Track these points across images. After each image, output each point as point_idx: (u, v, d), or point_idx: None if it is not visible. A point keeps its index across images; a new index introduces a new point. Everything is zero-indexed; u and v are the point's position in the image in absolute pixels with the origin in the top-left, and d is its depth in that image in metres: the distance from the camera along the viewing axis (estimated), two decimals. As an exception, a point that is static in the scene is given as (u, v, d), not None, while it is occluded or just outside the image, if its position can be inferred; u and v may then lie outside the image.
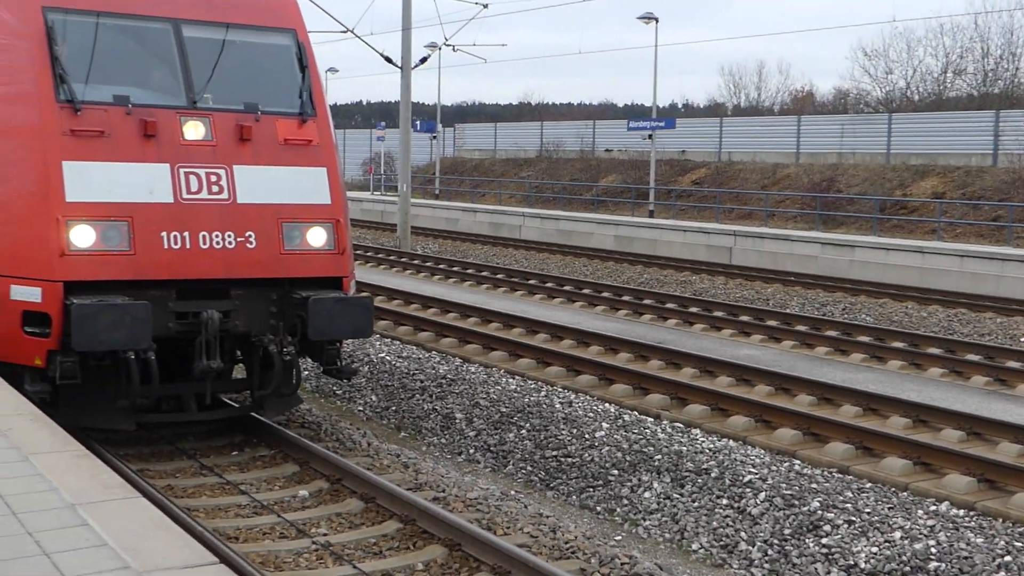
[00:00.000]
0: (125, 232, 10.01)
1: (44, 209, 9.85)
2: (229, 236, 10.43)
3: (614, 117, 79.62)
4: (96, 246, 9.91)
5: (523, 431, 12.86)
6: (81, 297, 9.63)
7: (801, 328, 20.04)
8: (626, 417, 12.97)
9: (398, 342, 17.95)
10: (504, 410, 13.50)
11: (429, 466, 11.45)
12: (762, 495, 10.37)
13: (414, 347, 17.50)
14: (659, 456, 11.59)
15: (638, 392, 14.67)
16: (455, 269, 29.24)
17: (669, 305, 22.86)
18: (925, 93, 57.07)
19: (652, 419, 13.08)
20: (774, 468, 11.09)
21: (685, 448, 11.73)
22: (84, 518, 5.86)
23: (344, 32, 35.07)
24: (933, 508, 10.09)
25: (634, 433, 12.28)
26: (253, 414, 11.64)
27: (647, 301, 23.43)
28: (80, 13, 10.60)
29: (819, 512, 9.91)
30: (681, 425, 12.84)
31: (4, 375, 9.73)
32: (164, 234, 10.15)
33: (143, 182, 10.20)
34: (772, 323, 20.63)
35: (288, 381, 11.06)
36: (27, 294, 9.80)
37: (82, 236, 9.86)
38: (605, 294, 24.56)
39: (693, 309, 22.31)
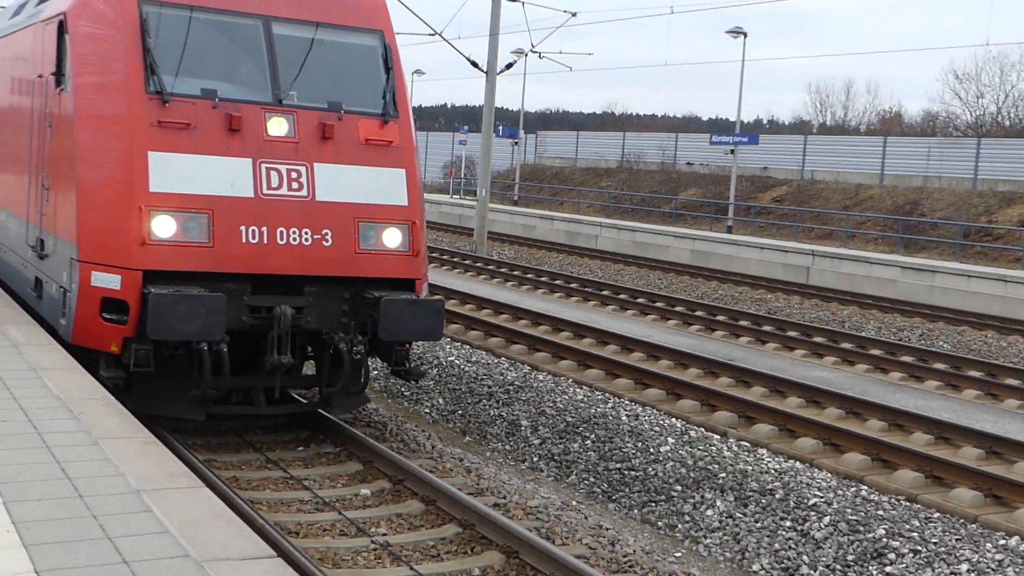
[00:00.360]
0: (205, 224, 10.16)
1: (128, 198, 10.02)
2: (306, 233, 10.53)
3: (697, 130, 79.21)
4: (176, 237, 10.06)
5: (588, 442, 12.84)
6: (159, 286, 9.78)
7: (876, 352, 19.76)
8: (692, 433, 12.88)
9: (468, 346, 18.00)
10: (570, 420, 13.48)
11: (492, 472, 11.47)
12: (827, 519, 10.25)
13: (483, 352, 17.54)
14: (724, 474, 11.49)
15: (706, 409, 14.57)
16: (529, 276, 29.26)
17: (742, 322, 22.67)
18: (1016, 119, 56.05)
19: (718, 436, 12.98)
20: (840, 492, 10.95)
21: (750, 467, 11.62)
22: (148, 504, 5.96)
23: (432, 35, 35.31)
24: (1003, 542, 9.89)
25: (699, 450, 12.20)
26: (320, 411, 11.74)
27: (720, 317, 23.26)
28: (174, 7, 10.77)
29: (884, 540, 9.77)
30: (748, 444, 12.72)
31: (81, 360, 9.92)
32: (243, 228, 10.27)
33: (225, 176, 10.34)
34: (846, 345, 20.37)
35: (356, 380, 11.13)
36: (107, 281, 9.97)
37: (163, 226, 10.01)
38: (678, 308, 24.43)
39: (766, 328, 22.10)
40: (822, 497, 10.74)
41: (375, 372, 15.34)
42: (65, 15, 10.87)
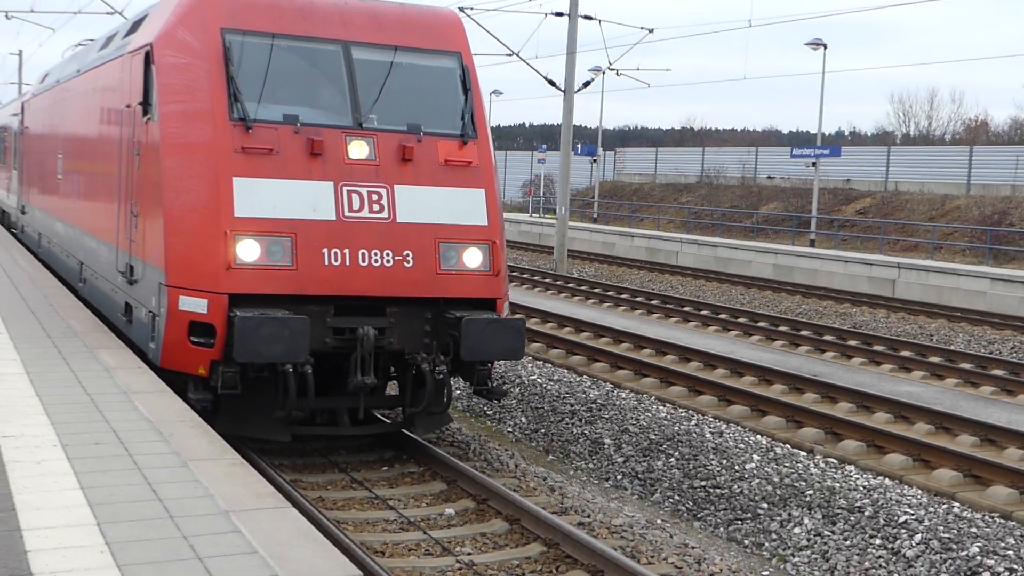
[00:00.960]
0: (288, 247, 10.30)
1: (214, 223, 10.19)
2: (387, 254, 10.62)
3: (777, 144, 78.62)
4: (260, 260, 10.21)
5: (672, 459, 12.76)
6: (244, 310, 9.93)
7: (966, 366, 19.40)
8: (778, 450, 12.75)
9: (549, 365, 18.00)
10: (653, 437, 13.42)
11: (575, 490, 11.44)
12: (918, 537, 10.08)
13: (565, 370, 17.53)
14: (811, 491, 11.36)
15: (791, 425, 14.41)
16: (610, 294, 29.20)
17: (827, 337, 22.40)
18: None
19: (805, 453, 12.83)
20: (931, 510, 10.76)
21: (838, 484, 11.47)
22: (236, 525, 6.04)
23: (510, 55, 35.43)
24: (1100, 561, 9.64)
25: (786, 467, 12.07)
26: (404, 431, 11.81)
27: (804, 332, 23.01)
28: (256, 35, 10.95)
29: (978, 558, 9.57)
30: (835, 461, 12.56)
31: (170, 383, 10.09)
32: (325, 251, 10.39)
33: (307, 199, 10.48)
34: (935, 359, 20.03)
35: (439, 399, 11.19)
36: (194, 305, 10.15)
37: (248, 250, 10.17)
38: (761, 324, 24.21)
39: (852, 342, 21.81)
40: (913, 514, 10.57)
41: (457, 391, 15.39)
42: (151, 46, 11.11)
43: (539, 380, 16.35)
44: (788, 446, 13.11)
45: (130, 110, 11.95)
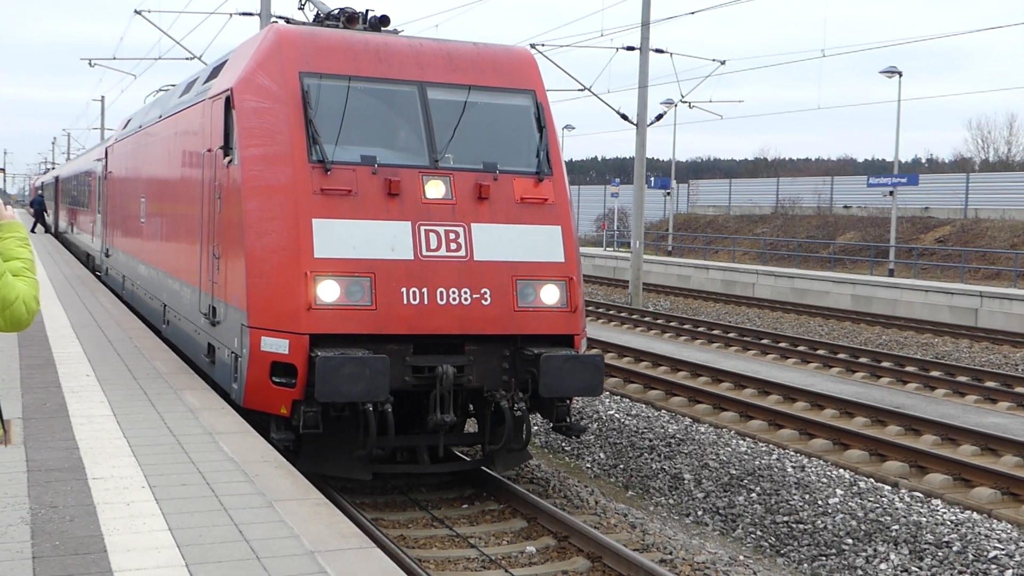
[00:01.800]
0: (367, 287, 10.40)
1: (294, 264, 10.33)
2: (465, 293, 10.69)
3: (853, 173, 77.91)
4: (340, 301, 10.32)
5: (753, 494, 12.64)
6: (325, 349, 10.03)
7: (1052, 397, 19.00)
8: (861, 484, 12.58)
9: (627, 400, 17.94)
10: (734, 472, 13.30)
11: (656, 527, 11.37)
12: (1009, 573, 9.87)
13: (643, 405, 17.46)
14: (896, 526, 11.18)
15: (875, 458, 14.21)
16: (686, 327, 29.04)
17: (909, 368, 22.06)
18: None
19: (889, 487, 12.64)
20: (1022, 544, 10.53)
21: (925, 519, 11.28)
22: (322, 566, 6.10)
23: (581, 90, 35.56)
24: None
25: (870, 501, 11.90)
26: (484, 468, 11.83)
27: (885, 364, 22.69)
28: (333, 77, 11.12)
29: (1070, 595, 9.35)
30: (920, 495, 12.36)
31: (253, 423, 10.22)
32: (404, 290, 10.48)
33: (386, 239, 10.59)
34: (1020, 390, 19.63)
35: (518, 436, 11.20)
36: (275, 345, 10.28)
37: (328, 291, 10.29)
38: (841, 355, 23.92)
39: (935, 373, 21.47)
40: (1003, 549, 10.36)
41: (536, 428, 15.39)
42: (232, 91, 11.32)
43: (617, 415, 16.30)
44: (872, 480, 12.92)
45: (211, 154, 12.17)
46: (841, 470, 13.34)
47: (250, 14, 29.63)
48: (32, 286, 4.45)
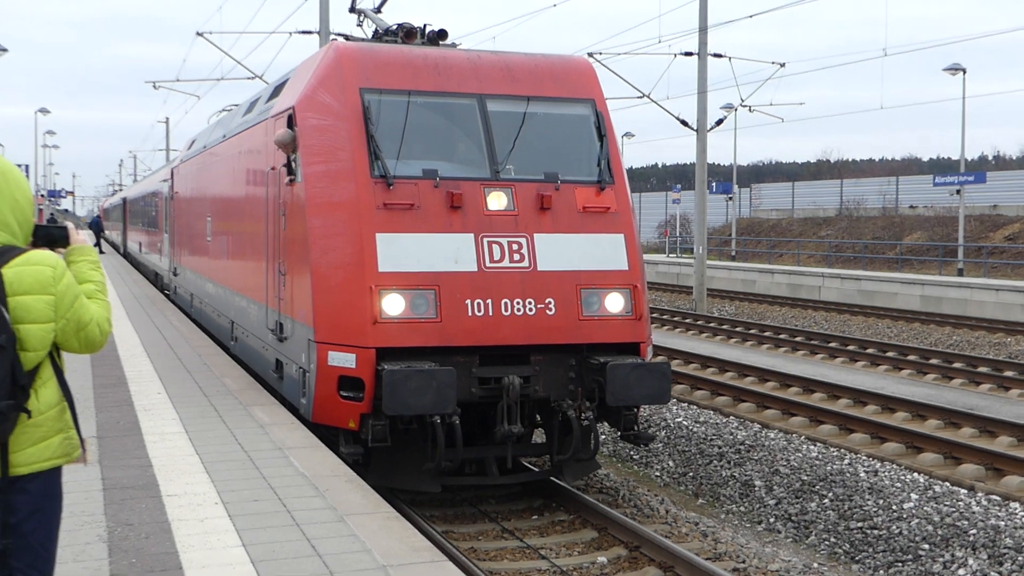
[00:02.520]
0: (432, 300, 10.44)
1: (359, 279, 10.40)
2: (529, 303, 10.69)
3: (918, 172, 77.01)
4: (405, 314, 10.37)
5: (826, 500, 12.50)
6: (391, 363, 10.08)
7: None
8: (936, 488, 12.39)
9: (695, 407, 17.83)
10: (805, 478, 13.17)
11: (728, 535, 11.28)
12: (1090, 577, 9.66)
13: (711, 412, 17.34)
14: (974, 531, 11.00)
15: (949, 461, 14.00)
16: (752, 332, 28.82)
17: (982, 369, 21.72)
18: None
19: (965, 491, 12.43)
20: (1103, 548, 10.31)
21: (1003, 523, 11.08)
22: (395, 579, 6.11)
23: (640, 97, 35.47)
24: None
25: (946, 505, 11.72)
26: (552, 478, 11.81)
27: (957, 365, 22.36)
28: (393, 92, 11.19)
29: None
30: (998, 498, 12.14)
31: (322, 437, 10.29)
32: (468, 302, 10.51)
33: (449, 252, 10.62)
34: (1097, 389, 19.26)
35: (586, 446, 11.17)
36: (343, 360, 10.34)
37: (393, 304, 10.34)
38: (911, 357, 23.61)
39: (1009, 373, 21.11)
40: (1083, 552, 10.14)
41: (604, 437, 15.34)
42: (293, 109, 11.43)
43: (685, 422, 16.21)
44: (947, 483, 12.72)
45: (275, 172, 12.29)
46: (915, 474, 13.16)
47: (309, 32, 29.91)
48: (105, 308, 4.52)
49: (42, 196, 75.60)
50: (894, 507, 11.85)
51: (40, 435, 4.30)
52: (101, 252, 55.20)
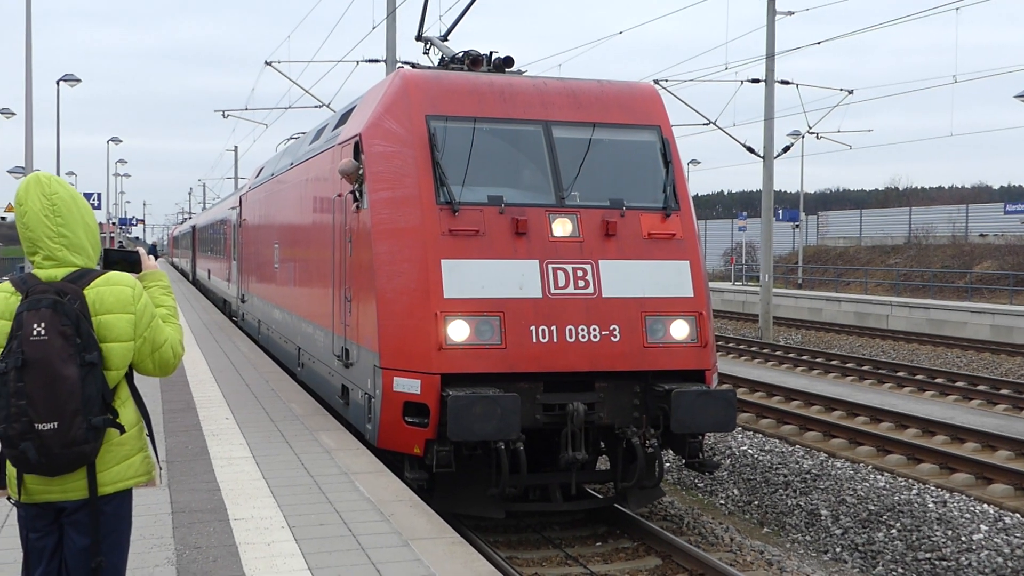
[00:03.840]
0: (497, 326, 10.47)
1: (424, 305, 10.45)
2: (594, 330, 10.68)
3: (988, 200, 75.90)
4: (470, 340, 10.40)
5: (893, 531, 12.33)
6: (456, 389, 10.11)
7: None
8: (1007, 519, 12.18)
9: (760, 435, 17.69)
10: (872, 508, 13.00)
11: (794, 564, 11.17)
12: None
13: (776, 440, 17.19)
14: (1046, 564, 10.80)
15: (1020, 492, 13.76)
16: (818, 360, 28.54)
17: (1054, 399, 21.33)
18: None
19: (1037, 523, 12.21)
20: None
21: (1076, 556, 10.87)
22: (460, 604, 6.12)
23: (707, 124, 35.36)
24: None
25: (1017, 537, 11.52)
26: (617, 505, 11.77)
27: (1029, 395, 21.97)
28: (459, 119, 11.27)
29: None
30: (1070, 531, 11.91)
31: (387, 463, 10.34)
32: (533, 328, 10.52)
33: (514, 278, 10.65)
34: None
35: (651, 473, 11.12)
36: (408, 386, 10.39)
37: (458, 331, 10.38)
38: (981, 387, 23.24)
39: (1082, 404, 20.70)
40: None
41: (668, 464, 15.26)
42: (360, 136, 11.55)
43: (750, 451, 16.08)
44: (1018, 515, 12.51)
45: (342, 199, 12.41)
46: (985, 505, 12.95)
47: (376, 61, 30.21)
48: (177, 331, 4.61)
49: (113, 224, 76.90)
50: (963, 538, 11.67)
51: (124, 454, 4.40)
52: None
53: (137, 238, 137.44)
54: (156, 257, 60.61)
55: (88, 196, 47.81)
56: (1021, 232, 49.86)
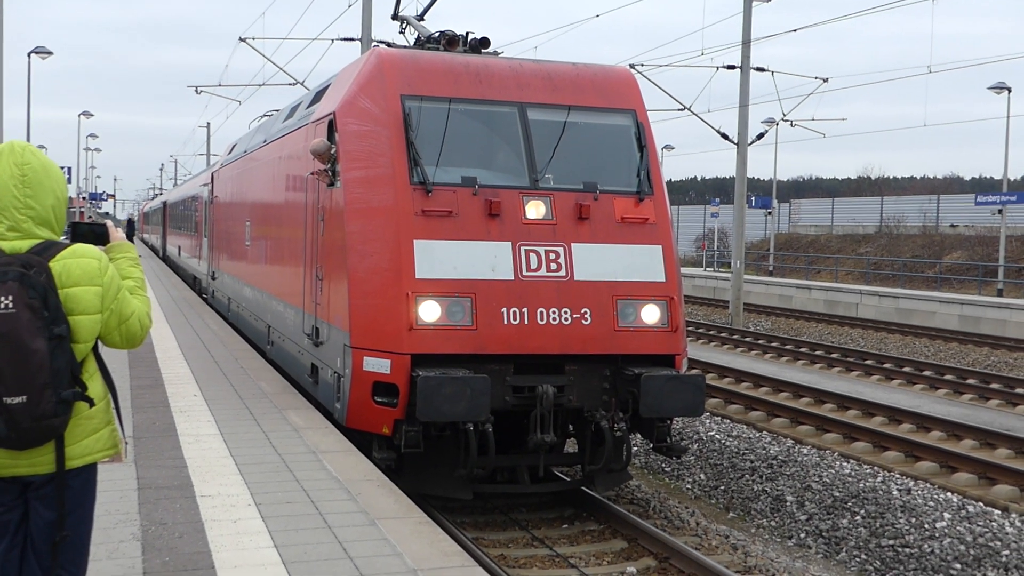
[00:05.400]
0: (468, 308, 10.47)
1: (396, 285, 10.44)
2: (565, 312, 10.70)
3: (960, 191, 76.46)
4: (441, 321, 10.40)
5: (857, 517, 12.43)
6: (426, 369, 10.11)
7: None
8: (970, 508, 12.30)
9: (728, 420, 17.78)
10: (837, 494, 13.10)
11: (758, 549, 11.25)
12: (1125, 602, 9.57)
13: (744, 426, 17.28)
14: (1007, 552, 10.91)
15: (983, 482, 13.88)
16: (788, 347, 28.69)
17: (1019, 390, 21.50)
18: None
19: (999, 512, 12.34)
20: None
21: (1036, 545, 10.99)
22: (425, 583, 6.13)
23: (681, 110, 35.41)
24: None
25: (979, 525, 11.63)
26: (584, 488, 11.81)
27: (994, 385, 22.16)
28: (434, 100, 11.24)
29: None
30: (1032, 520, 12.05)
31: (355, 442, 10.34)
32: (504, 310, 10.52)
33: (486, 260, 10.65)
34: None
35: (618, 457, 11.16)
36: (378, 365, 10.39)
37: (429, 311, 10.38)
38: (948, 376, 23.43)
39: (1047, 395, 20.89)
40: (1119, 577, 10.04)
41: (636, 448, 15.32)
42: (334, 114, 11.50)
43: (718, 436, 16.16)
44: (981, 504, 12.63)
45: (315, 177, 12.36)
46: (948, 493, 13.07)
47: (351, 39, 30.07)
48: (145, 303, 4.58)
49: (83, 199, 76.33)
50: (926, 526, 11.77)
51: (92, 427, 4.37)
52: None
53: (107, 213, 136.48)
54: (132, 234, 60.09)
55: (58, 170, 47.24)
56: (991, 223, 50.20)
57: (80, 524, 4.41)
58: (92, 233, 4.65)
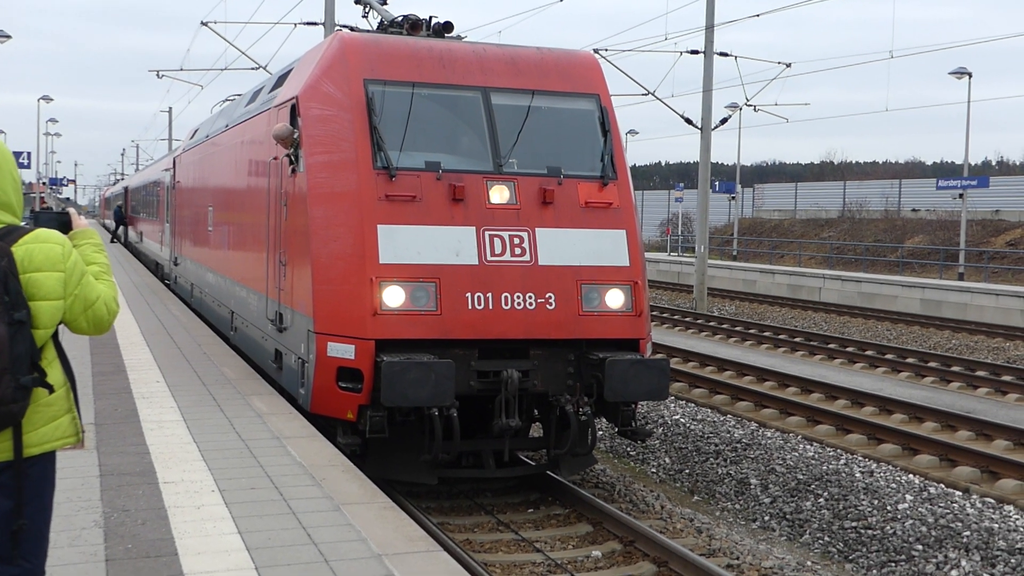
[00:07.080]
0: (432, 293, 10.45)
1: (359, 270, 10.40)
2: (530, 297, 10.70)
3: (921, 176, 76.96)
4: (405, 306, 10.38)
5: (820, 500, 12.52)
6: (390, 355, 10.09)
7: None
8: (931, 489, 12.42)
9: (693, 404, 17.85)
10: (801, 477, 13.19)
11: (723, 532, 11.31)
12: (1083, 581, 9.68)
13: (709, 410, 17.36)
14: (968, 532, 11.02)
15: (945, 464, 14.02)
16: (752, 332, 28.84)
17: (979, 373, 21.74)
18: None
19: (960, 493, 12.46)
20: (1097, 552, 10.33)
21: (997, 525, 11.11)
22: (390, 569, 6.14)
23: (645, 95, 35.42)
24: None
25: (940, 507, 11.74)
26: (549, 473, 11.83)
27: (955, 368, 22.38)
28: (397, 84, 11.19)
29: None
30: (992, 500, 12.17)
31: (320, 428, 10.30)
32: (468, 295, 10.52)
33: (450, 245, 10.63)
34: (1095, 395, 19.27)
35: (583, 441, 11.18)
36: (341, 351, 10.36)
37: (393, 296, 10.35)
38: (910, 360, 23.63)
39: (1007, 377, 21.11)
40: (1077, 556, 10.16)
41: (601, 433, 15.36)
42: (297, 99, 11.44)
43: (682, 420, 16.22)
44: (942, 485, 12.75)
45: (277, 162, 12.30)
46: (910, 475, 13.19)
47: (315, 23, 29.92)
48: (111, 288, 4.54)
49: (43, 184, 75.58)
50: (889, 507, 11.87)
51: (51, 415, 4.32)
52: (125, 243, 54.09)
53: (68, 199, 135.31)
54: (124, 221, 59.23)
55: (17, 155, 46.96)
56: (952, 208, 50.58)
57: (39, 512, 4.36)
58: (56, 221, 4.61)
